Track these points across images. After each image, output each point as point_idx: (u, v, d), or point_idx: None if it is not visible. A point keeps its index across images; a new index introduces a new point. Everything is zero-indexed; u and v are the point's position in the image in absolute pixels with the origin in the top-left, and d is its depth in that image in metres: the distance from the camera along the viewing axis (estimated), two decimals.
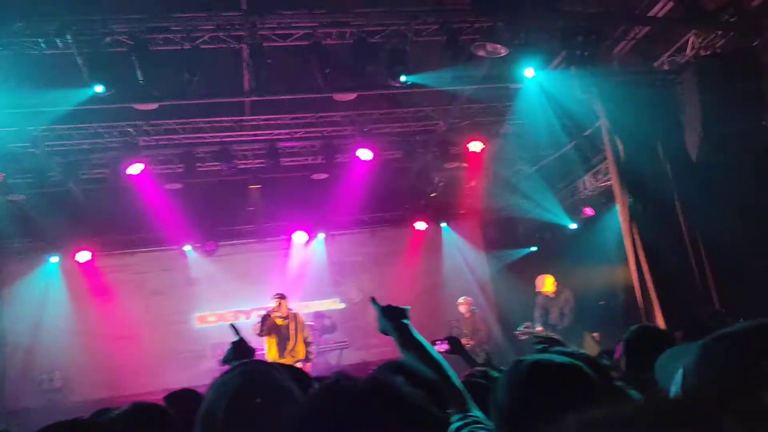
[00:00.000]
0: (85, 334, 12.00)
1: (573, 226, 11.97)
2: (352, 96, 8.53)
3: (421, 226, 13.28)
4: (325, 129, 10.11)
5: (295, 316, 9.33)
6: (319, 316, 11.91)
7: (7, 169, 9.39)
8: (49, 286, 12.14)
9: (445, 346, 3.85)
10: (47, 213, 11.17)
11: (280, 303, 9.12)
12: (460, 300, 10.67)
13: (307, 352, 9.07)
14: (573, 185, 11.78)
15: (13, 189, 10.22)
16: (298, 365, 7.81)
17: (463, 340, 9.40)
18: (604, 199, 10.68)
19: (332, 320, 12.00)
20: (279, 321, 9.10)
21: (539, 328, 9.70)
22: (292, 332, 9.12)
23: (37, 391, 11.45)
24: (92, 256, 12.12)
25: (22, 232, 11.61)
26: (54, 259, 12.14)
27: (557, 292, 9.99)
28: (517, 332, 9.77)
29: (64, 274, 12.28)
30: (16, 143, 9.19)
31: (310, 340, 9.30)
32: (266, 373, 1.65)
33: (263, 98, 8.41)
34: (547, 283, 10.02)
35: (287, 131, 10.06)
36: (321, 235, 13.02)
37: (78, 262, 12.09)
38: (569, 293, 9.99)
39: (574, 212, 11.97)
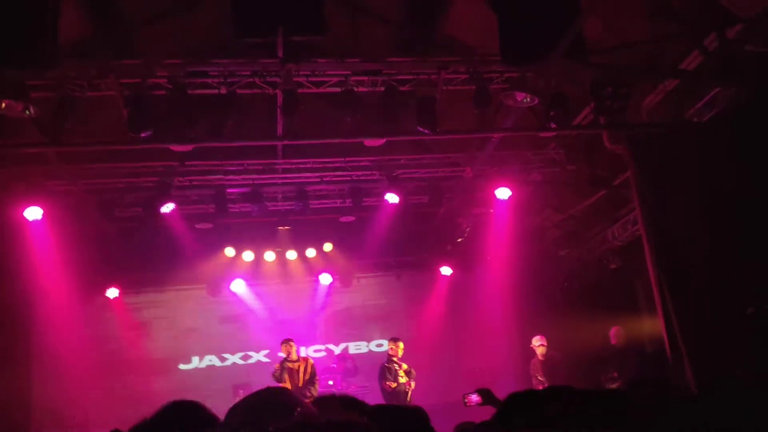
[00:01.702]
0: (110, 369, 12.13)
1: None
2: (381, 141, 8.66)
3: (446, 271, 13.26)
4: (353, 173, 10.25)
5: (305, 360, 9.95)
6: (342, 359, 11.88)
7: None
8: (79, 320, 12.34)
9: (476, 398, 3.81)
10: (81, 249, 11.44)
11: (290, 348, 9.82)
12: (535, 341, 10.27)
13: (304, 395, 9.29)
14: (601, 235, 11.71)
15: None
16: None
17: (539, 386, 9.36)
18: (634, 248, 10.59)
19: (355, 363, 11.93)
20: (290, 365, 9.74)
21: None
22: (301, 375, 9.66)
23: (59, 426, 11.52)
24: (120, 293, 12.31)
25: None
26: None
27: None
28: None
29: (94, 309, 12.46)
30: (54, 180, 9.47)
31: (313, 381, 9.77)
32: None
33: (295, 142, 8.57)
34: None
35: (317, 174, 10.22)
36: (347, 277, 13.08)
37: (108, 298, 12.28)
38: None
39: (602, 262, 11.88)
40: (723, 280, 7.54)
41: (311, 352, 12.40)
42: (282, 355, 9.94)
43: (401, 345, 10.06)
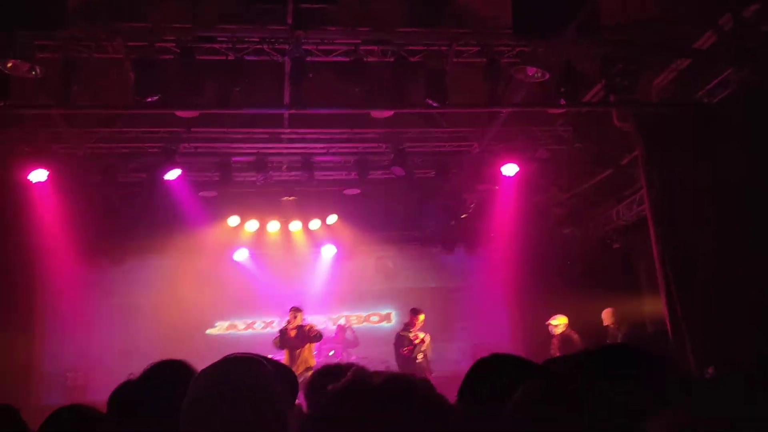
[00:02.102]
0: (111, 334, 12.24)
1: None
2: (389, 113, 8.60)
3: (450, 246, 13.26)
4: (360, 145, 10.18)
5: (306, 326, 9.82)
6: (341, 330, 11.92)
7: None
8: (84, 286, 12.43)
9: None
10: (84, 213, 11.46)
11: (295, 316, 9.76)
12: (554, 321, 10.12)
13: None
14: (606, 214, 11.68)
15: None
16: (309, 373, 7.93)
17: None
18: (638, 228, 10.56)
19: (355, 334, 11.98)
20: (292, 333, 9.66)
21: None
22: (300, 343, 9.60)
23: (61, 389, 11.63)
24: (121, 258, 12.36)
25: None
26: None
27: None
28: None
29: (97, 273, 12.52)
30: (59, 143, 9.43)
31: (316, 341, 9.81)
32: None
33: (302, 111, 8.51)
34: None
35: (323, 145, 10.16)
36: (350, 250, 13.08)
37: (109, 263, 12.33)
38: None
39: (605, 241, 11.87)
40: (729, 270, 7.50)
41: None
42: (286, 322, 9.92)
43: (420, 317, 9.96)
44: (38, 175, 9.46)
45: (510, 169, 10.26)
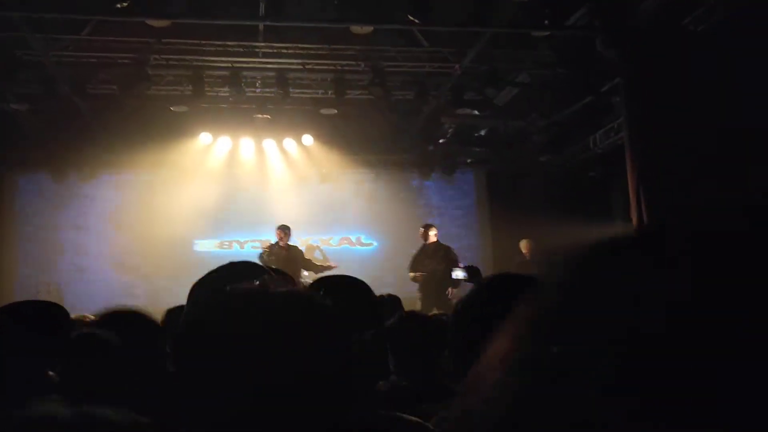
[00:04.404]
0: (86, 254, 12.17)
1: None
2: (368, 29, 8.33)
3: (426, 171, 13.18)
4: (338, 62, 9.89)
5: (293, 248, 9.81)
6: (310, 249, 11.91)
7: (12, 78, 9.26)
8: (55, 201, 12.27)
9: (462, 274, 3.85)
10: (52, 126, 11.16)
11: (282, 234, 9.66)
12: (523, 242, 10.51)
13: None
14: (584, 142, 11.65)
15: (18, 98, 10.15)
16: None
17: None
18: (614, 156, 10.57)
19: (324, 255, 11.95)
20: (280, 251, 9.61)
21: None
22: (287, 263, 9.33)
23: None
24: (90, 173, 12.14)
25: (25, 144, 11.59)
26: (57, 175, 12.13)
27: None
28: None
29: (68, 190, 12.31)
30: (23, 50, 9.01)
31: (305, 271, 9.63)
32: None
33: (277, 24, 8.21)
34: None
35: (299, 61, 9.86)
36: (325, 172, 12.91)
37: (78, 178, 12.11)
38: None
39: (582, 170, 11.89)
40: (704, 200, 7.51)
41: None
42: (274, 240, 9.89)
43: (430, 231, 9.79)
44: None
45: (490, 93, 10.10)
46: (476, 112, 11.31)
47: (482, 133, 12.66)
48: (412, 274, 9.62)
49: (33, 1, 7.36)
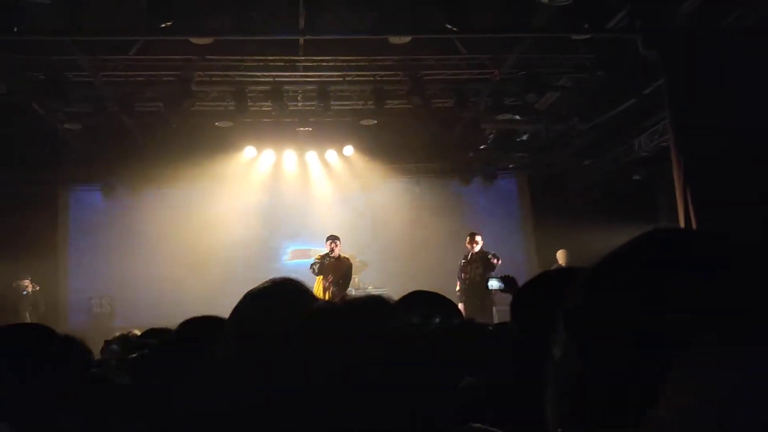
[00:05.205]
0: (139, 264, 12.53)
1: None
2: (406, 39, 8.39)
3: (467, 177, 13.19)
4: (377, 73, 9.99)
5: (344, 258, 9.68)
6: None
7: (65, 99, 9.60)
8: (105, 215, 12.69)
9: (498, 284, 3.84)
10: (101, 144, 11.56)
11: (333, 245, 9.52)
12: (560, 252, 10.51)
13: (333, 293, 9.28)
14: (627, 145, 11.49)
15: (70, 118, 10.53)
16: None
17: None
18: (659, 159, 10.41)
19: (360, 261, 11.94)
20: (330, 261, 9.50)
21: None
22: (337, 273, 9.43)
23: (88, 313, 11.99)
24: (138, 187, 12.50)
25: (78, 161, 12.01)
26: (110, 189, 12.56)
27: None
28: None
29: (117, 204, 12.69)
30: (75, 72, 9.34)
31: (347, 281, 9.59)
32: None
33: (317, 37, 8.33)
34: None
35: (339, 73, 9.98)
36: (366, 181, 13.01)
37: (129, 192, 12.49)
38: None
39: (625, 172, 11.72)
40: (753, 203, 7.33)
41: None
42: (324, 250, 9.75)
43: (476, 239, 9.75)
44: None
45: (530, 98, 10.05)
46: (517, 117, 11.25)
47: (524, 138, 12.59)
48: (458, 287, 9.66)
49: (83, 25, 7.61)
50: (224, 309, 1.76)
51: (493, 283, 3.88)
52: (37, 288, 11.31)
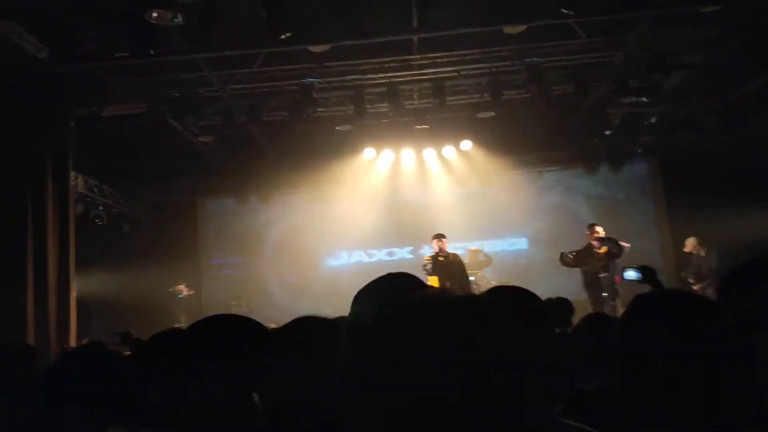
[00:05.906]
0: (269, 266, 13.27)
1: None
2: (521, 28, 8.25)
3: (593, 165, 12.76)
4: (492, 64, 9.88)
5: (452, 255, 9.76)
6: (474, 253, 11.80)
7: (198, 113, 10.24)
8: (238, 220, 13.53)
9: (634, 274, 3.69)
10: (232, 154, 12.26)
11: (439, 243, 9.67)
12: (689, 240, 10.33)
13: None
14: (765, 120, 10.65)
15: (203, 131, 11.21)
16: None
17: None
18: None
19: (486, 256, 11.76)
20: (441, 260, 9.60)
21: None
22: (449, 270, 9.49)
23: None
24: (268, 193, 13.11)
25: (212, 171, 12.80)
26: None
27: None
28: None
29: (249, 210, 13.39)
30: (205, 87, 9.95)
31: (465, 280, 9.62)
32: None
33: (430, 34, 8.37)
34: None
35: (454, 68, 9.97)
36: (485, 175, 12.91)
37: (258, 197, 13.14)
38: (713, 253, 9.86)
39: (765, 150, 10.87)
40: None
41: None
42: (433, 249, 9.89)
43: (596, 229, 9.68)
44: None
45: (656, 78, 9.57)
46: (644, 100, 10.72)
47: (652, 120, 11.97)
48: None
49: (210, 43, 8.08)
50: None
51: (630, 274, 3.72)
52: (192, 292, 12.21)
